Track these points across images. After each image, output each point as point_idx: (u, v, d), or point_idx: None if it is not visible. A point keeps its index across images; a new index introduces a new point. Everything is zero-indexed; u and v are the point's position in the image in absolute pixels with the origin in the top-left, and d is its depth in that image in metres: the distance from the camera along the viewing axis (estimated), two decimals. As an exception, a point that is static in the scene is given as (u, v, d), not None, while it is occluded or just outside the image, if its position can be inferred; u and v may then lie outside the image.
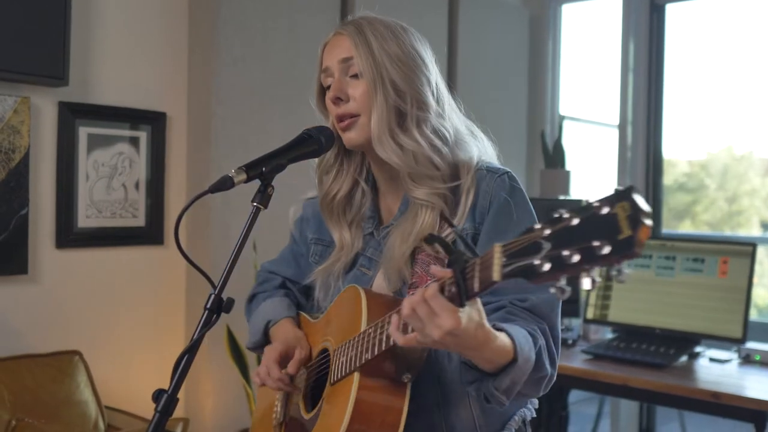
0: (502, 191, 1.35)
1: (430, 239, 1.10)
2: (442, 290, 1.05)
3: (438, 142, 1.36)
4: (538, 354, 1.22)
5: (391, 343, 1.16)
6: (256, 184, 1.26)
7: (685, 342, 2.98)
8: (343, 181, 1.50)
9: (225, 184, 1.20)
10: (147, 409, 2.90)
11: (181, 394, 1.15)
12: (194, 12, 3.10)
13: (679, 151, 5.00)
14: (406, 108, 1.36)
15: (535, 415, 1.44)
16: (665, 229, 4.45)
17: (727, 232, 5.73)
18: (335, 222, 1.50)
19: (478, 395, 1.22)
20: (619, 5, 4.18)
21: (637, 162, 4.14)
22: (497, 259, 0.95)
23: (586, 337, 3.35)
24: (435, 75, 1.43)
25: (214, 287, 1.22)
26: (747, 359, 2.95)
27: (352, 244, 1.48)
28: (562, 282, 0.88)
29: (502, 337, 1.14)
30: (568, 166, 3.95)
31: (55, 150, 2.75)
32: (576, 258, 0.85)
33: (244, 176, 1.22)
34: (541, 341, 1.24)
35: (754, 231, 5.85)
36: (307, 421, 1.42)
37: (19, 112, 2.61)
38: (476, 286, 1.00)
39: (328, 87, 1.41)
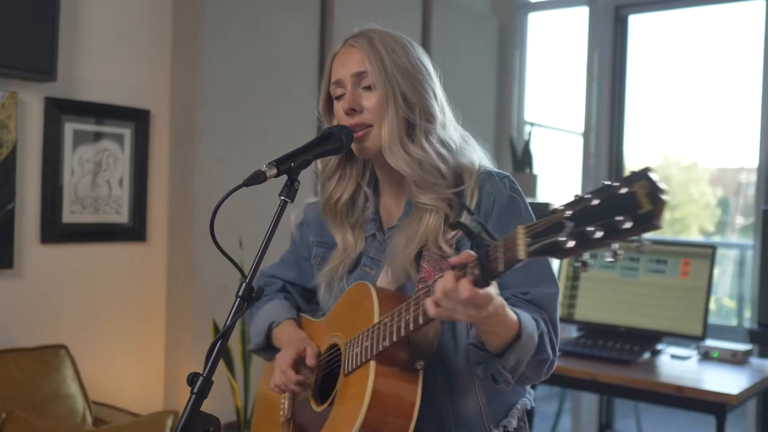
0: (505, 192, 1.43)
1: (455, 225, 1.17)
2: (464, 274, 1.13)
3: (443, 151, 1.45)
4: (540, 337, 1.31)
5: (411, 328, 1.25)
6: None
7: (648, 339, 3.11)
8: (346, 185, 1.56)
9: (258, 177, 1.26)
10: (131, 403, 2.93)
11: (164, 388, 1.21)
12: (178, 12, 3.14)
13: (636, 159, 5.20)
14: (415, 119, 1.44)
15: (534, 404, 1.52)
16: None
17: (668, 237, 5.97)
18: (338, 225, 1.56)
19: (486, 375, 1.30)
20: (584, 15, 4.33)
21: (600, 168, 4.31)
22: (521, 239, 1.03)
23: (553, 334, 3.48)
24: (438, 87, 1.53)
25: (245, 276, 1.29)
26: (706, 356, 3.10)
27: (354, 245, 1.54)
28: (586, 256, 0.97)
29: (511, 313, 1.23)
30: (535, 170, 4.09)
31: (41, 145, 2.76)
32: (600, 234, 0.92)
33: (275, 171, 1.28)
34: (543, 327, 1.33)
35: (693, 237, 6.10)
36: (319, 413, 1.47)
37: (6, 107, 2.61)
38: (500, 266, 1.07)
39: (338, 97, 1.48)
